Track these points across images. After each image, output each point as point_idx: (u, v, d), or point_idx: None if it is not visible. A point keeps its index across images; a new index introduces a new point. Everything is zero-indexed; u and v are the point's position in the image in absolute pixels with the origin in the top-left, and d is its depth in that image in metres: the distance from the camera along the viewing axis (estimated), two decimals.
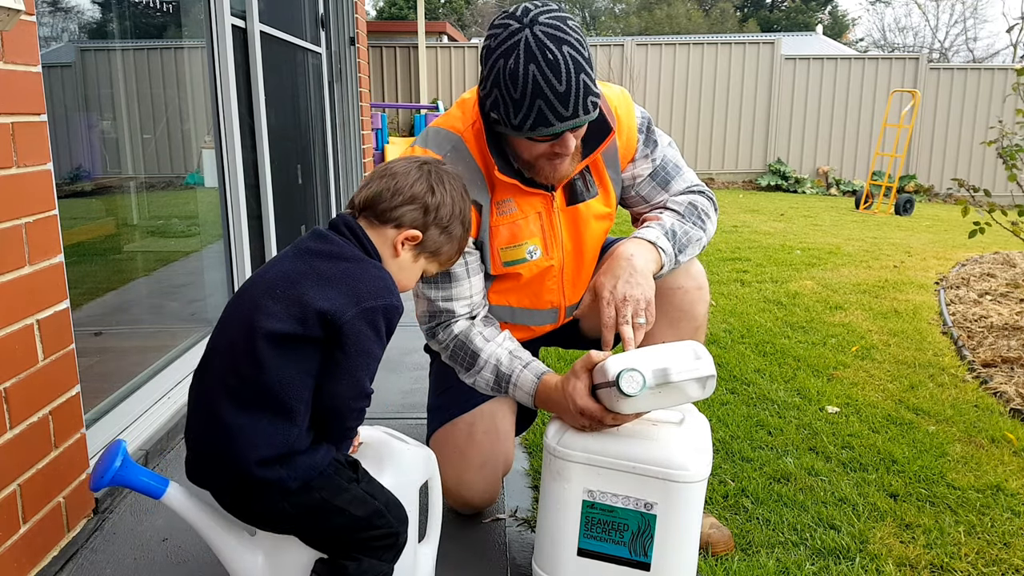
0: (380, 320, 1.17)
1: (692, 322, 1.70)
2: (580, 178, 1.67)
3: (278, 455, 1.12)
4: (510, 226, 1.63)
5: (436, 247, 1.32)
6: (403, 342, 3.09)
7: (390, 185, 1.27)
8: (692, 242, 1.68)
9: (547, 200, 1.64)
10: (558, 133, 1.44)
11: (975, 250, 5.47)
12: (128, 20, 2.65)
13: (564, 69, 1.37)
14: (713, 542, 1.65)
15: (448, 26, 14.94)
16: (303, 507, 1.16)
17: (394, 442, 1.39)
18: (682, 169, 1.77)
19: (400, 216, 1.27)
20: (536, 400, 1.59)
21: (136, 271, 2.69)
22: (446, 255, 1.35)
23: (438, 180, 1.30)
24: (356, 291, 1.16)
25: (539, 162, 1.53)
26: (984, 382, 2.79)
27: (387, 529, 1.21)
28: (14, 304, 1.50)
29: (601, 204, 1.71)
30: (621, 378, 1.30)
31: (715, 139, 10.84)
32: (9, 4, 1.37)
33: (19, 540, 1.51)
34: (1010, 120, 4.10)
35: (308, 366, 1.14)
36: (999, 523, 1.84)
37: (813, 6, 34.73)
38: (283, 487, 1.14)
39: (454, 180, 1.34)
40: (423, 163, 1.32)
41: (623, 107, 1.70)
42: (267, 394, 1.12)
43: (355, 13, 5.34)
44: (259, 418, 1.12)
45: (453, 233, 1.33)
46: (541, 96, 1.38)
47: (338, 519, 1.18)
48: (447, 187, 1.31)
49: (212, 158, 3.12)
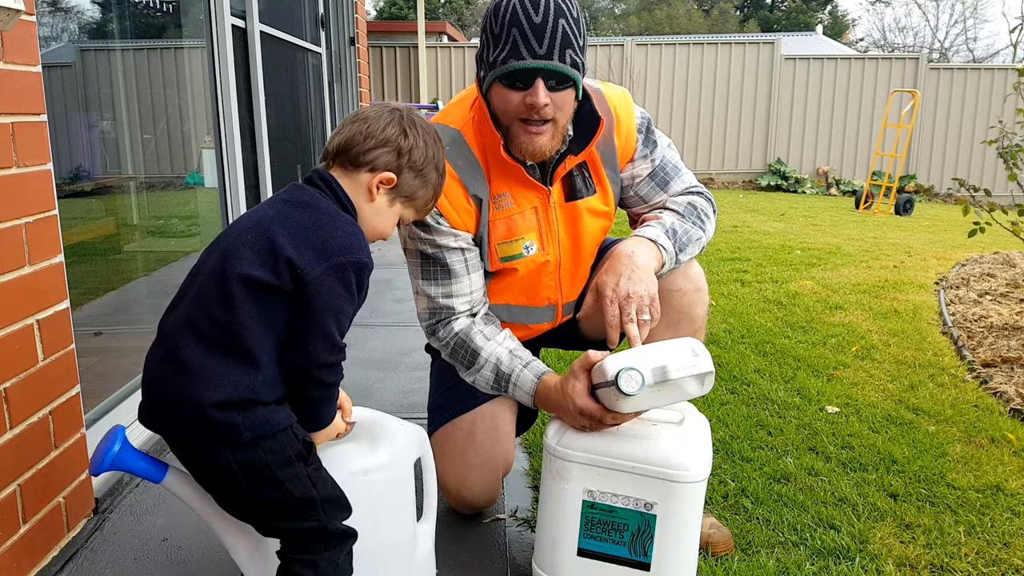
0: (350, 276, 1.18)
1: (691, 324, 1.70)
2: (579, 175, 1.67)
3: (238, 399, 1.11)
4: (506, 220, 1.63)
5: (411, 191, 1.31)
6: (403, 342, 3.09)
7: (362, 129, 1.27)
8: (692, 241, 1.68)
9: (544, 195, 1.64)
10: (528, 71, 1.44)
11: (975, 250, 5.47)
12: (128, 20, 2.65)
13: (543, 5, 1.42)
14: (713, 542, 1.65)
15: (448, 26, 14.94)
16: (246, 466, 1.13)
17: (386, 420, 1.41)
18: (681, 171, 1.77)
19: (374, 159, 1.26)
20: (535, 400, 1.59)
21: (136, 271, 2.69)
22: (422, 200, 1.34)
23: (410, 124, 1.29)
24: (326, 245, 1.17)
25: (515, 127, 1.53)
26: (984, 382, 2.79)
27: (315, 524, 1.18)
28: (14, 304, 1.50)
29: (599, 203, 1.71)
30: (620, 377, 1.30)
31: (715, 139, 10.83)
32: (9, 4, 1.37)
33: (19, 540, 1.51)
34: (1010, 120, 4.10)
35: (274, 319, 1.15)
36: (999, 523, 1.84)
37: (813, 6, 34.73)
38: (234, 436, 1.11)
39: (426, 125, 1.33)
40: (394, 108, 1.31)
41: (623, 107, 1.70)
42: (235, 338, 1.12)
43: (355, 13, 5.34)
44: (224, 361, 1.12)
45: (428, 177, 1.31)
46: (516, 24, 1.42)
47: (274, 492, 1.15)
48: (419, 131, 1.30)
49: (212, 158, 3.12)
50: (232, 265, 1.14)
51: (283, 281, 1.14)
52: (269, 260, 1.14)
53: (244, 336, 1.12)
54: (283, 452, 1.15)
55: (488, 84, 1.51)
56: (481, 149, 1.60)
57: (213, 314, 1.13)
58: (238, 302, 1.12)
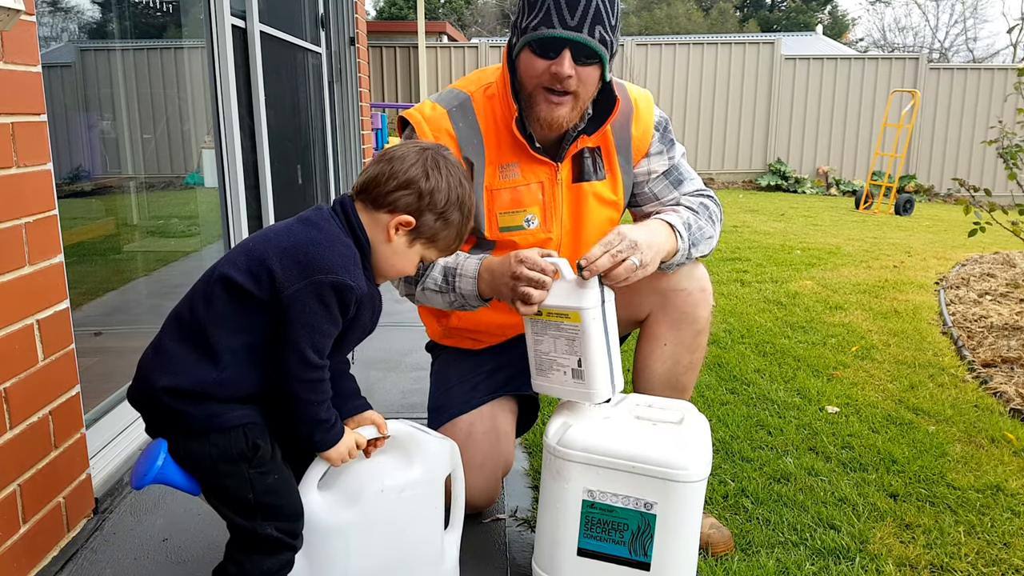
0: (329, 295, 1.19)
1: (694, 325, 1.69)
2: (590, 157, 1.67)
3: (189, 389, 1.18)
4: (512, 191, 1.64)
5: (432, 233, 1.30)
6: (403, 342, 3.09)
7: (386, 170, 1.27)
8: (704, 239, 1.68)
9: (551, 170, 1.65)
10: (558, 40, 1.47)
11: (975, 250, 5.47)
12: (128, 20, 2.65)
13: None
14: (713, 542, 1.65)
15: (448, 26, 14.93)
16: (195, 457, 1.20)
17: (420, 435, 1.41)
18: (693, 176, 1.80)
19: (394, 201, 1.26)
20: (480, 282, 1.55)
21: (136, 271, 2.69)
22: (444, 242, 1.32)
23: (434, 165, 1.28)
24: (311, 262, 1.19)
25: (537, 94, 1.54)
26: (984, 382, 2.78)
27: (246, 524, 1.22)
28: (14, 304, 1.50)
29: (607, 189, 1.71)
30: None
31: (715, 139, 10.83)
32: (9, 4, 1.37)
33: (19, 540, 1.51)
34: (1010, 120, 4.10)
35: (250, 324, 1.20)
36: (999, 523, 1.83)
37: (813, 6, 34.72)
38: (187, 424, 1.19)
39: (453, 167, 1.31)
40: (423, 148, 1.31)
41: (643, 101, 1.74)
42: (203, 333, 1.19)
43: (355, 13, 5.34)
44: (189, 352, 1.19)
45: (450, 220, 1.30)
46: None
47: (214, 482, 1.22)
48: (443, 172, 1.28)
49: (212, 158, 3.12)
50: (221, 266, 1.22)
51: (262, 290, 1.19)
52: (255, 267, 1.20)
53: (211, 333, 1.19)
54: (227, 448, 1.20)
55: (518, 50, 1.54)
56: (488, 117, 1.62)
57: (194, 307, 1.22)
58: (216, 301, 1.20)
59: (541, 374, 1.51)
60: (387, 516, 1.31)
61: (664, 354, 1.70)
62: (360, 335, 1.33)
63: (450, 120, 1.62)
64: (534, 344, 1.50)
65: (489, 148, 1.63)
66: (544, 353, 1.48)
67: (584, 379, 1.45)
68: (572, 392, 1.48)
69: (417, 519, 1.37)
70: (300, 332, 1.18)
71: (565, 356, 1.46)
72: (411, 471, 1.34)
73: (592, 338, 1.41)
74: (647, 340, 1.72)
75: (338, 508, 1.29)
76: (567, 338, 1.44)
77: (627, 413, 1.49)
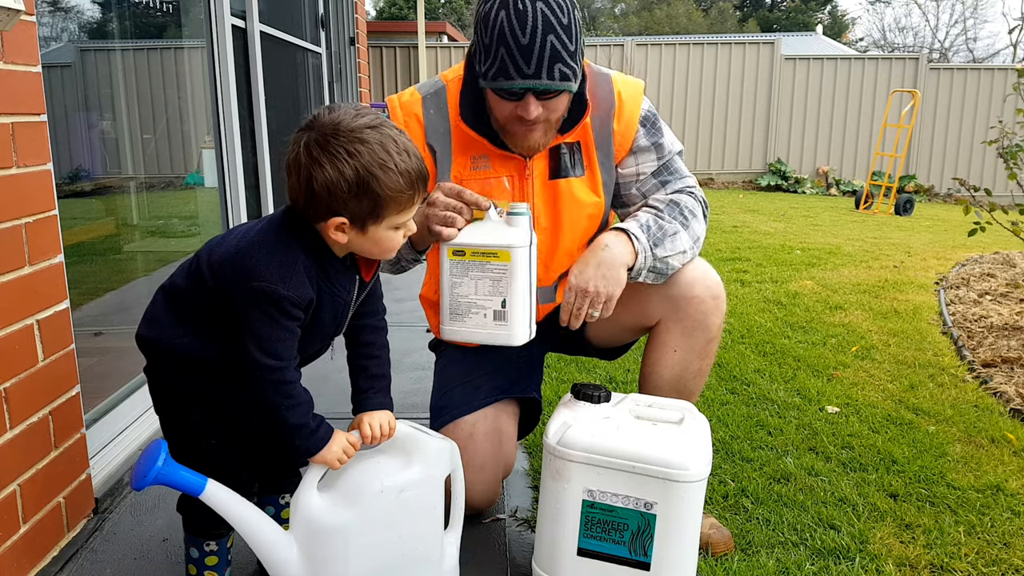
0: (264, 302, 1.18)
1: (705, 333, 1.67)
2: (568, 153, 1.65)
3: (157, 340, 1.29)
4: (482, 182, 1.63)
5: (374, 212, 1.18)
6: (403, 343, 3.08)
7: (293, 184, 1.20)
8: (668, 236, 1.62)
9: (520, 164, 1.63)
10: (517, 91, 1.46)
11: (975, 250, 5.47)
12: (128, 20, 2.65)
13: (531, 23, 1.39)
14: (713, 542, 1.65)
15: (448, 26, 14.93)
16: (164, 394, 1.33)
17: (420, 435, 1.41)
18: (684, 175, 1.74)
19: (314, 212, 1.19)
20: None
21: (136, 271, 2.69)
22: (393, 210, 1.20)
23: (319, 155, 1.15)
24: (247, 270, 1.19)
25: (510, 125, 1.55)
26: (984, 382, 2.78)
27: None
28: (14, 304, 1.50)
29: (586, 185, 1.68)
30: None
31: (715, 139, 10.83)
32: (9, 4, 1.37)
33: (19, 540, 1.51)
34: (1010, 120, 4.10)
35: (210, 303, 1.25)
36: (999, 523, 1.83)
37: (813, 6, 34.73)
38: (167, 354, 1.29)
39: (342, 137, 1.15)
40: (305, 144, 1.17)
41: (628, 94, 1.68)
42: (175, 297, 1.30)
43: (355, 13, 5.34)
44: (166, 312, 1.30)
45: (372, 188, 1.16)
46: (504, 44, 1.41)
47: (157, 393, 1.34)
48: (327, 157, 1.15)
49: (212, 158, 3.12)
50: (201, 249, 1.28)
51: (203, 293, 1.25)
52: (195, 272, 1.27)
53: (181, 298, 1.28)
54: (181, 400, 1.31)
55: (482, 86, 1.53)
56: (459, 109, 1.62)
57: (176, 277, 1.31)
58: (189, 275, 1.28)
59: (457, 319, 1.50)
60: (387, 516, 1.31)
61: (673, 360, 1.68)
62: (322, 337, 1.32)
63: (422, 106, 1.63)
64: (451, 287, 1.49)
65: (458, 137, 1.62)
66: (463, 296, 1.48)
67: (507, 320, 1.46)
68: (490, 335, 1.48)
69: (417, 519, 1.36)
70: (246, 336, 1.20)
71: (487, 298, 1.46)
72: (411, 471, 1.34)
73: (519, 277, 1.43)
74: (656, 346, 1.70)
75: (338, 508, 1.29)
76: (491, 279, 1.45)
77: (627, 413, 1.49)
